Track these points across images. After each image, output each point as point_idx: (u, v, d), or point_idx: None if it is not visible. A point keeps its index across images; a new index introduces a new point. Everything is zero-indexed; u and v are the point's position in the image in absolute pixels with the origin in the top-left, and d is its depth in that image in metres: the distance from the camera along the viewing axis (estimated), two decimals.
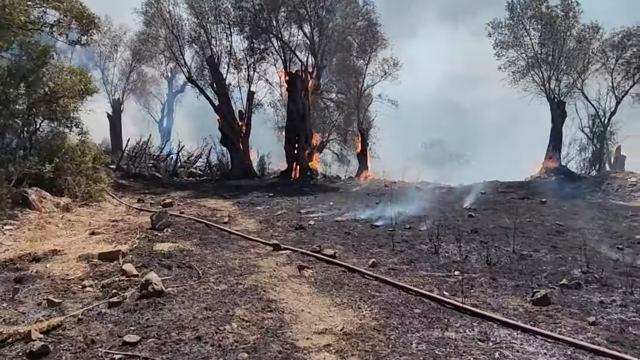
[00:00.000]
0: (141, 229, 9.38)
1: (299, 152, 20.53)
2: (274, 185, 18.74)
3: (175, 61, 22.49)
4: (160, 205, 13.23)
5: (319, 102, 26.25)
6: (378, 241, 9.01)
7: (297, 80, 20.42)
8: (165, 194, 16.40)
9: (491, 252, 7.96)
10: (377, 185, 18.73)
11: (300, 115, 20.56)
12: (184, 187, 18.71)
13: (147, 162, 21.51)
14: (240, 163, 22.17)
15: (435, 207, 13.20)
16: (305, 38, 22.63)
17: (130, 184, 18.60)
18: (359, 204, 13.77)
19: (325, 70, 23.89)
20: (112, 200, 13.78)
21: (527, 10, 18.71)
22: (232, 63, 22.71)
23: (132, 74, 25.70)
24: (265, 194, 15.88)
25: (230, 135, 22.02)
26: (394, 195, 15.56)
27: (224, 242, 8.63)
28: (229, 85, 23.00)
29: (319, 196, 15.69)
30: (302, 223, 10.53)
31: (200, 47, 22.18)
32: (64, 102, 12.91)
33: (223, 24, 21.82)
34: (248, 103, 22.67)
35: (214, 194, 16.23)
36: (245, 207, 13.35)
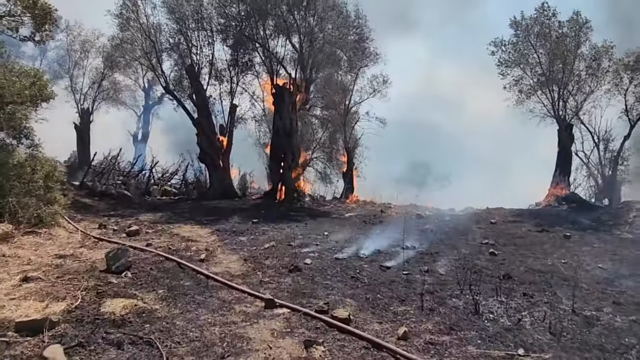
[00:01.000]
0: (93, 271, 7.22)
1: (285, 172, 18.54)
2: (258, 207, 16.66)
3: (152, 69, 20.33)
4: (124, 234, 11.02)
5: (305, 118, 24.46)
6: (396, 291, 7.07)
7: (285, 94, 18.53)
8: (134, 216, 14.17)
9: (545, 311, 6.13)
10: (371, 210, 16.85)
11: (287, 131, 18.64)
12: (156, 208, 16.44)
13: (116, 179, 19.16)
14: (219, 182, 20.03)
15: (445, 240, 11.36)
16: (293, 49, 20.86)
17: (95, 204, 16.27)
18: (357, 235, 11.83)
19: (311, 86, 22.12)
20: (68, 226, 11.50)
21: (534, 27, 17.36)
22: (214, 74, 20.71)
23: (103, 82, 23.33)
24: (249, 220, 13.80)
25: (209, 151, 19.90)
26: (393, 223, 13.71)
27: (201, 292, 6.55)
28: (210, 98, 20.95)
29: (310, 223, 13.69)
30: (296, 262, 8.51)
31: (180, 55, 20.11)
32: (11, 108, 10.71)
33: (205, 31, 19.86)
34: (230, 117, 20.64)
35: (190, 218, 14.06)
36: (226, 236, 11.24)
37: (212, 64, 20.31)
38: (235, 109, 20.86)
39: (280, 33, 20.46)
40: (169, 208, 16.45)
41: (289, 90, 18.63)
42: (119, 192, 18.10)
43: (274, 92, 18.90)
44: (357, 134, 30.83)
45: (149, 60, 19.67)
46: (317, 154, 32.89)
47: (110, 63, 22.17)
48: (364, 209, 17.65)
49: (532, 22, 17.24)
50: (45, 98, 11.50)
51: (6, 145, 11.09)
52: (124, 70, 26.16)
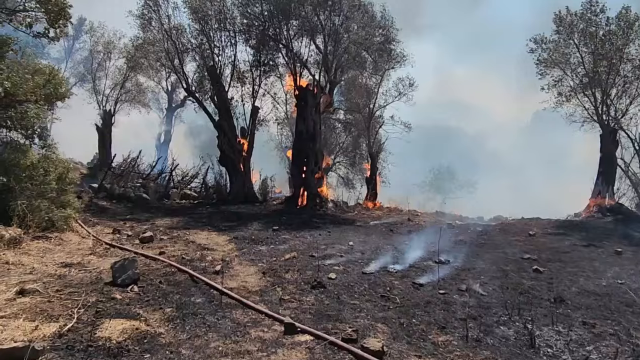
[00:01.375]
0: (97, 283, 6.55)
1: (308, 177, 17.79)
2: (279, 214, 15.93)
3: (173, 70, 19.90)
4: (137, 240, 10.40)
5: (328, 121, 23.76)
6: (434, 315, 6.18)
7: (308, 96, 17.81)
8: (150, 221, 13.59)
9: (615, 346, 5.16)
10: (398, 218, 15.91)
11: (310, 134, 17.90)
12: (174, 212, 15.88)
13: (135, 182, 18.72)
14: (240, 186, 19.39)
15: (482, 254, 10.37)
16: (317, 51, 20.16)
17: (112, 207, 15.81)
18: (385, 245, 10.95)
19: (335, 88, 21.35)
20: (81, 231, 10.95)
21: (579, 23, 16.14)
22: (236, 75, 20.13)
23: (125, 83, 23.04)
24: (269, 226, 13.06)
25: (230, 154, 19.30)
26: (422, 233, 12.78)
27: (213, 311, 5.79)
28: (231, 100, 20.39)
29: (333, 232, 12.87)
30: (319, 276, 7.70)
31: (201, 56, 19.62)
32: (25, 107, 10.24)
33: (228, 32, 19.31)
34: (251, 119, 20.01)
35: (207, 224, 13.40)
36: (244, 245, 10.51)
37: (234, 65, 19.75)
38: (257, 111, 20.24)
39: (304, 34, 19.82)
40: (187, 213, 15.87)
41: (312, 92, 17.91)
42: (137, 195, 17.64)
43: (297, 93, 18.21)
44: (381, 138, 30.02)
45: (171, 61, 19.24)
46: (339, 158, 32.20)
47: (132, 64, 21.76)
48: (389, 216, 16.73)
49: (577, 19, 16.02)
50: (60, 97, 11.01)
51: (19, 145, 10.65)
52: (147, 72, 25.98)
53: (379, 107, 29.07)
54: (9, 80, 9.68)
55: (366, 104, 28.24)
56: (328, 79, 18.95)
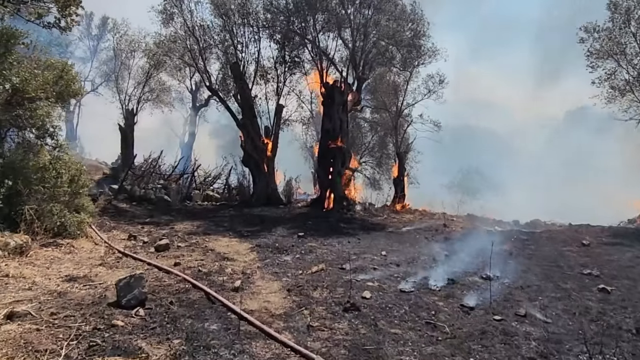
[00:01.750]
0: (99, 304, 5.70)
1: (334, 178, 16.78)
2: (304, 217, 14.97)
3: (195, 67, 19.19)
4: (153, 247, 9.59)
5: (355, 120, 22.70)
6: (494, 352, 5.08)
7: (335, 93, 16.80)
8: (169, 225, 12.84)
9: None
10: (431, 223, 14.75)
11: (336, 133, 16.88)
12: (195, 215, 15.12)
13: (156, 183, 18.07)
14: (263, 187, 18.53)
15: (533, 267, 9.17)
16: (345, 46, 19.12)
17: (131, 210, 15.15)
18: (421, 256, 9.86)
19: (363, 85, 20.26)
20: (95, 237, 10.22)
21: (636, 9, 14.52)
22: (259, 72, 19.28)
23: (148, 82, 22.45)
24: (294, 232, 12.12)
25: (253, 154, 18.47)
26: (461, 241, 11.61)
27: (229, 343, 4.84)
28: (255, 98, 19.56)
29: (363, 239, 11.83)
30: (352, 295, 6.69)
31: (225, 52, 18.83)
32: (35, 104, 9.55)
33: (251, 27, 18.46)
34: (276, 118, 19.13)
35: (229, 229, 12.56)
36: (267, 254, 9.57)
37: (258, 61, 18.89)
38: (281, 110, 19.35)
39: (331, 28, 18.81)
40: (208, 216, 15.08)
41: (339, 89, 16.89)
42: (158, 197, 16.97)
43: (323, 91, 17.22)
44: (409, 137, 28.82)
45: (193, 59, 18.52)
46: (365, 158, 31.08)
47: (155, 63, 21.15)
48: (422, 221, 15.57)
49: (634, 4, 14.42)
50: (73, 94, 10.32)
51: (30, 145, 9.99)
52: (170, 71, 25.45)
53: (407, 105, 27.88)
54: (18, 76, 9.01)
55: (393, 102, 27.11)
56: (356, 75, 17.89)
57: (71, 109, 33.02)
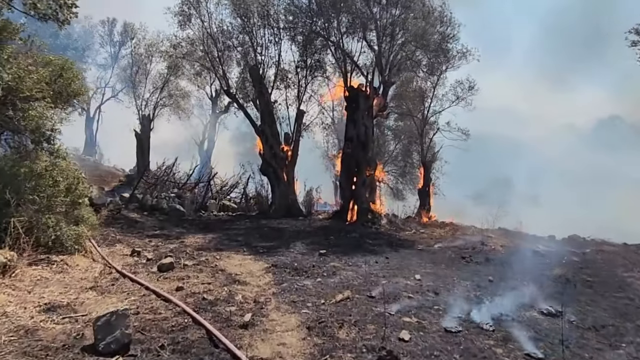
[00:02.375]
0: (71, 347, 4.52)
1: (358, 188, 15.47)
2: (325, 231, 13.68)
3: (213, 70, 18.20)
4: (156, 266, 8.42)
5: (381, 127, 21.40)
6: None
7: (360, 97, 15.55)
8: (180, 239, 11.73)
9: None
10: (466, 239, 13.28)
11: (361, 141, 15.60)
12: (209, 227, 14.00)
13: (170, 191, 17.06)
14: (282, 197, 17.34)
15: (597, 299, 7.67)
16: (370, 49, 17.87)
17: (142, 220, 14.11)
18: (462, 281, 8.46)
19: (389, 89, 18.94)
20: (93, 251, 9.13)
21: None
22: (279, 76, 18.17)
23: (166, 87, 21.62)
24: (315, 249, 10.85)
25: (272, 162, 17.31)
26: (505, 263, 10.15)
27: None
28: (275, 103, 18.45)
29: (392, 258, 10.47)
30: (386, 336, 5.37)
31: (243, 55, 17.81)
32: (28, 105, 8.55)
33: (272, 29, 17.40)
34: (296, 124, 17.97)
35: (244, 244, 11.37)
36: (284, 276, 8.31)
37: (278, 65, 17.79)
38: (302, 116, 18.19)
39: (356, 29, 17.61)
40: (223, 228, 13.93)
41: (365, 94, 15.62)
42: (171, 206, 15.93)
43: (347, 95, 15.98)
44: (435, 146, 27.35)
45: (210, 61, 17.53)
46: (388, 167, 29.67)
47: (172, 66, 20.28)
48: (454, 237, 14.09)
49: None
50: (73, 94, 9.32)
51: (26, 150, 9.00)
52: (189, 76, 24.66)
53: (433, 112, 26.46)
54: (9, 73, 8.01)
55: (419, 109, 25.74)
56: (381, 79, 16.59)
57: (91, 115, 32.65)
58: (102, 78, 31.88)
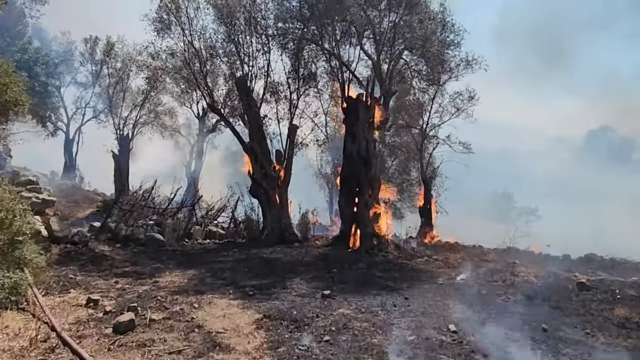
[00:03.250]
0: None
1: (360, 211, 13.50)
2: (326, 261, 11.66)
3: (195, 83, 16.30)
4: (111, 325, 6.33)
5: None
6: None
7: (360, 108, 13.71)
8: (153, 277, 9.67)
9: None
10: (489, 266, 11.34)
11: (362, 157, 13.70)
12: (190, 260, 11.92)
13: (148, 219, 14.94)
14: (275, 221, 15.33)
15: None
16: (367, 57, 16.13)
17: (112, 254, 11.99)
18: (509, 332, 6.48)
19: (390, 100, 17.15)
20: (35, 304, 7.03)
21: None
22: (269, 88, 16.32)
23: (147, 103, 19.65)
24: (316, 288, 8.85)
25: (263, 183, 15.35)
26: (551, 300, 8.21)
27: None
28: (264, 118, 16.58)
29: (412, 297, 8.48)
30: None
31: (229, 65, 15.97)
32: None
33: (259, 36, 15.59)
34: (289, 140, 16.06)
35: (230, 283, 9.33)
36: (280, 333, 6.28)
37: (267, 75, 15.94)
38: (295, 131, 16.30)
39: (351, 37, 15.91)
40: (207, 261, 11.86)
41: (365, 104, 13.78)
42: (149, 236, 13.81)
43: (345, 106, 14.14)
44: (435, 161, 25.59)
45: (193, 73, 15.63)
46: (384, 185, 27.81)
47: (152, 81, 18.35)
48: (474, 263, 12.13)
49: None
50: (9, 104, 7.33)
51: None
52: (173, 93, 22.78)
53: (432, 126, 24.77)
54: None
55: (417, 122, 24.07)
56: (382, 89, 14.77)
57: (70, 137, 30.47)
58: (82, 98, 29.79)
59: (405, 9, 14.16)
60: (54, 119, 21.73)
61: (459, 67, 18.39)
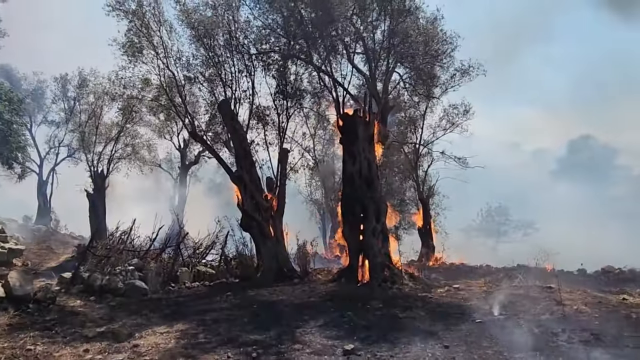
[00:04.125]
0: None
1: (367, 239, 11.89)
2: (336, 302, 9.96)
3: (174, 111, 14.72)
4: None
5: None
6: None
7: (358, 125, 12.27)
8: (132, 338, 7.85)
9: None
10: (518, 292, 9.78)
11: (364, 178, 12.20)
12: (178, 310, 10.08)
13: (127, 264, 13.03)
14: (271, 257, 13.61)
15: None
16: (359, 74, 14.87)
17: (84, 309, 10.11)
18: None
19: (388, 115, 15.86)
20: None
21: None
22: (255, 112, 14.84)
23: (122, 137, 17.95)
24: (334, 338, 7.17)
25: (255, 215, 13.68)
26: (617, 337, 6.66)
27: None
28: (252, 144, 15.06)
29: (453, 344, 6.84)
30: None
31: (210, 90, 14.47)
32: None
33: (241, 55, 14.19)
34: (280, 166, 14.50)
35: (227, 339, 7.55)
36: None
37: (252, 97, 14.46)
38: (286, 155, 14.77)
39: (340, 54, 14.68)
40: (197, 309, 10.04)
41: (364, 120, 12.37)
42: (129, 284, 11.89)
43: (341, 124, 12.70)
44: (431, 179, 24.31)
45: (170, 100, 14.08)
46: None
47: (127, 112, 16.70)
48: (501, 290, 10.56)
49: None
50: None
51: None
52: (152, 125, 21.13)
53: (424, 142, 23.61)
54: None
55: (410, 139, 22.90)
56: (380, 104, 13.42)
57: (44, 179, 28.37)
58: (55, 136, 27.86)
59: (393, 20, 12.98)
60: (21, 159, 19.79)
61: (454, 78, 17.29)
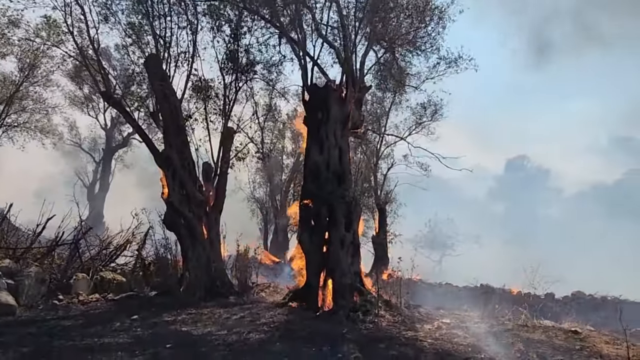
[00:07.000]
0: None
1: (334, 251, 8.68)
2: (287, 339, 6.66)
3: (83, 62, 10.65)
4: None
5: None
6: None
7: (331, 101, 9.09)
8: None
9: None
10: (547, 339, 7.05)
11: (334, 171, 9.03)
12: (43, 349, 6.26)
13: None
14: (201, 265, 10.04)
15: None
16: (331, 48, 11.63)
17: None
18: None
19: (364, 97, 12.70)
20: None
21: None
22: (194, 80, 11.23)
23: (18, 95, 13.42)
24: None
25: (184, 209, 10.04)
26: None
27: None
28: (189, 118, 11.41)
29: None
30: None
31: (135, 39, 10.62)
32: None
33: (185, 14, 10.53)
34: (222, 149, 10.97)
35: None
36: None
37: (192, 60, 10.80)
38: (231, 137, 11.25)
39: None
40: (76, 348, 6.28)
41: (339, 95, 9.19)
42: None
43: (307, 100, 9.44)
44: (390, 184, 21.77)
45: (77, 47, 10.06)
46: None
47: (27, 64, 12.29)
48: (504, 326, 7.80)
49: None
50: None
51: None
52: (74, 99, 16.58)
53: (387, 143, 21.01)
54: None
55: (370, 139, 20.20)
56: (357, 83, 10.25)
57: None
58: None
59: None
60: None
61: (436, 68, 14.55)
